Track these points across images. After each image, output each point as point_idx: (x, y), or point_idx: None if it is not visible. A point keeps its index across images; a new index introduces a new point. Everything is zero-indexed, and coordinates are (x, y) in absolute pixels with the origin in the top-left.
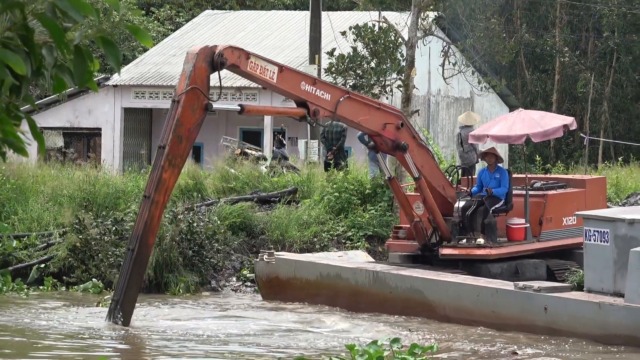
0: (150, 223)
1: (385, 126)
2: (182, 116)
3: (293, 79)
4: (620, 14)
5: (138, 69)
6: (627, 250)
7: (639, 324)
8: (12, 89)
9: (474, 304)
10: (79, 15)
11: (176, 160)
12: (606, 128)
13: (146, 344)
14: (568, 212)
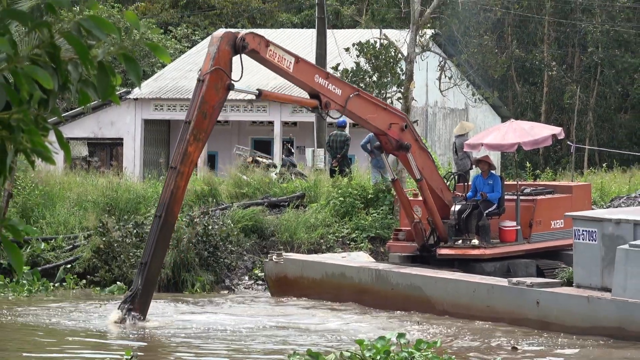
0: (176, 193)
1: (390, 126)
2: (206, 94)
3: (308, 70)
4: (603, 31)
5: (157, 83)
6: (613, 248)
7: (625, 317)
8: (40, 102)
9: (470, 299)
10: (102, 33)
11: (200, 135)
12: (591, 137)
13: (167, 340)
14: (556, 216)
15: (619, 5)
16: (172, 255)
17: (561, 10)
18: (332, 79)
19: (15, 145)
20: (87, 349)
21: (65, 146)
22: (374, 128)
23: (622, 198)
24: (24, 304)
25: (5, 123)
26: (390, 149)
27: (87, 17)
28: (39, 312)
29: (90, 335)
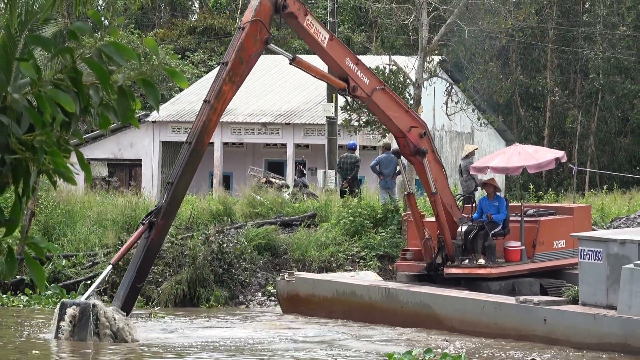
0: (207, 125)
1: (410, 129)
2: (245, 42)
3: (340, 51)
4: (604, 58)
5: (174, 107)
6: (618, 267)
7: (630, 333)
8: (62, 125)
9: (478, 317)
10: (122, 59)
11: (235, 78)
12: (592, 159)
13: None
14: (558, 236)
15: (620, 34)
16: (188, 272)
17: (564, 38)
18: (361, 66)
19: (38, 166)
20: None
21: (86, 167)
22: (394, 127)
23: (622, 219)
24: None
25: (29, 145)
26: (407, 152)
27: (108, 44)
28: None
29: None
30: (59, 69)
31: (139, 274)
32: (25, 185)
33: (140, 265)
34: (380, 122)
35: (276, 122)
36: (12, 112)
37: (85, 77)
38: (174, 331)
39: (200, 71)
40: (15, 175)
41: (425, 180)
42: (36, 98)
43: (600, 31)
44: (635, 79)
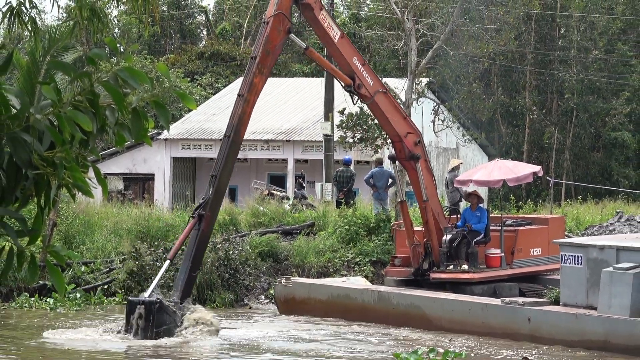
0: (242, 117)
1: (407, 135)
2: (270, 34)
3: (349, 49)
4: (578, 80)
5: (184, 126)
6: (598, 271)
7: (610, 331)
8: (81, 143)
9: (465, 317)
10: (136, 83)
11: (264, 69)
12: (568, 172)
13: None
14: (535, 244)
15: (592, 57)
16: (197, 277)
17: (541, 61)
18: (367, 68)
19: (58, 181)
20: None
21: (103, 182)
22: (392, 131)
23: (595, 227)
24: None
25: (50, 161)
26: (402, 157)
27: (123, 68)
28: None
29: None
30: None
31: (194, 263)
32: (46, 198)
33: (195, 255)
34: (380, 124)
35: (277, 140)
36: (35, 131)
37: (102, 99)
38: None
39: (207, 93)
40: (37, 188)
41: (418, 187)
42: (57, 118)
43: (575, 55)
44: (606, 99)
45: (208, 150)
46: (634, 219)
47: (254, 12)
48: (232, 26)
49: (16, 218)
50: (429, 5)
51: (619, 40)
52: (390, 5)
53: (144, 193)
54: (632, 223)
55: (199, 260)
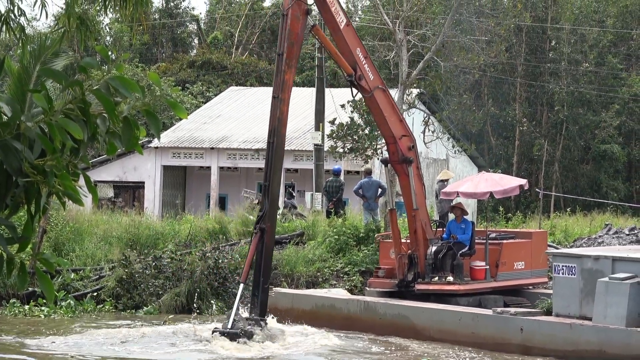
0: (281, 118)
1: (402, 137)
2: (291, 25)
3: (354, 38)
4: (568, 92)
5: (175, 134)
6: (592, 281)
7: (604, 341)
8: (71, 151)
9: (456, 327)
10: (127, 92)
11: (292, 62)
12: (557, 184)
13: None
14: (518, 258)
15: (582, 70)
16: (187, 285)
17: (531, 73)
18: (369, 61)
19: (48, 188)
20: None
21: (93, 190)
22: (388, 131)
23: (583, 239)
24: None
25: (40, 169)
26: (395, 160)
27: (115, 77)
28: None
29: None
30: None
31: (265, 276)
32: (36, 206)
33: (264, 269)
34: (376, 123)
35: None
36: (25, 139)
37: (93, 107)
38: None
39: (199, 101)
40: (27, 196)
41: (408, 193)
42: (48, 126)
43: (565, 67)
44: (596, 111)
45: (198, 158)
46: (622, 232)
47: (245, 21)
48: (224, 35)
49: (6, 225)
50: (420, 17)
51: (610, 53)
52: (382, 16)
53: (134, 201)
54: (620, 235)
55: (269, 273)
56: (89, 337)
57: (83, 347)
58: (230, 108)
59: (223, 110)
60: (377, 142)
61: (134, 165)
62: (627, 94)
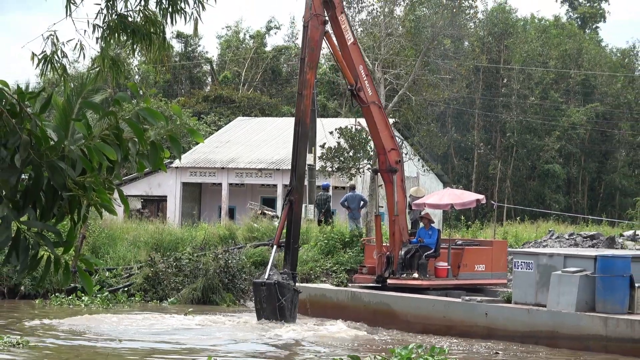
0: (305, 109)
1: (391, 150)
2: (311, 34)
3: (358, 56)
4: (518, 121)
5: (192, 156)
6: (546, 275)
7: (557, 323)
8: (107, 170)
9: (429, 312)
10: (154, 120)
11: (312, 64)
12: (509, 197)
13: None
14: (479, 261)
15: (529, 103)
16: (202, 281)
17: (487, 105)
18: (369, 79)
19: (88, 201)
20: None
21: (125, 202)
22: (379, 143)
23: (531, 243)
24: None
25: (81, 184)
26: (383, 168)
27: (143, 108)
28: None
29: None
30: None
31: (294, 238)
32: (78, 215)
33: (294, 232)
34: (370, 134)
35: (269, 168)
36: (69, 160)
37: (125, 133)
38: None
39: (212, 129)
40: (70, 207)
41: (391, 200)
42: (87, 149)
43: (515, 100)
44: (541, 137)
45: (211, 176)
46: (563, 237)
47: (250, 63)
48: (233, 74)
49: (53, 231)
50: (395, 59)
51: (552, 89)
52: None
53: (158, 212)
54: (561, 240)
55: (298, 236)
56: (136, 325)
57: (131, 334)
58: (237, 135)
59: (232, 136)
60: (359, 163)
61: (158, 182)
62: (567, 122)
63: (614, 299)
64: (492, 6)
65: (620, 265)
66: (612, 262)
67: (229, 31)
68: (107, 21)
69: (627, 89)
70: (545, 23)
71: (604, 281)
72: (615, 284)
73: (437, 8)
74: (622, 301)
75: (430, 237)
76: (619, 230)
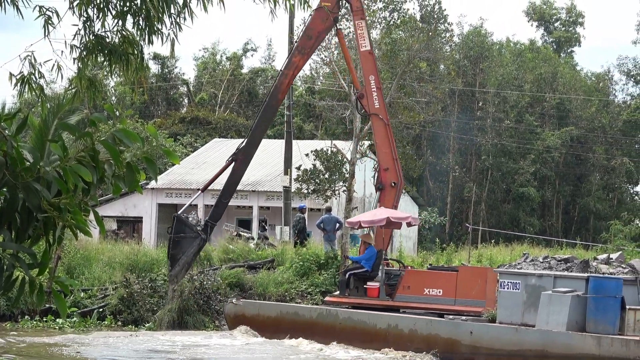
0: (279, 86)
1: (386, 169)
2: (312, 22)
3: (371, 67)
4: (493, 144)
5: (168, 177)
6: (534, 294)
7: (547, 342)
8: (83, 191)
9: (411, 331)
10: (130, 142)
11: (305, 50)
12: (483, 220)
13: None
14: (432, 285)
15: (504, 126)
16: (177, 303)
17: (462, 128)
18: (379, 92)
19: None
20: None
21: (100, 223)
22: (379, 158)
23: (505, 265)
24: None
25: (56, 206)
26: (378, 183)
27: (119, 129)
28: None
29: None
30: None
31: (224, 192)
32: (53, 237)
33: (226, 186)
34: (376, 147)
35: (245, 190)
36: (44, 181)
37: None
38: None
39: (188, 150)
40: (45, 228)
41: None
42: (63, 170)
43: (490, 124)
44: (516, 160)
45: (187, 197)
46: (537, 259)
47: (226, 84)
48: (209, 96)
49: (28, 253)
50: None
51: (527, 112)
52: (339, 81)
53: (133, 233)
54: (535, 262)
55: (230, 192)
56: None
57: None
58: (214, 156)
59: (208, 157)
60: (335, 185)
61: (134, 203)
62: (541, 146)
63: (606, 320)
64: (467, 30)
65: (613, 287)
66: (604, 283)
67: (206, 53)
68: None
69: (601, 112)
70: (521, 47)
71: (596, 302)
72: (608, 304)
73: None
74: (614, 322)
75: (369, 258)
76: (593, 254)
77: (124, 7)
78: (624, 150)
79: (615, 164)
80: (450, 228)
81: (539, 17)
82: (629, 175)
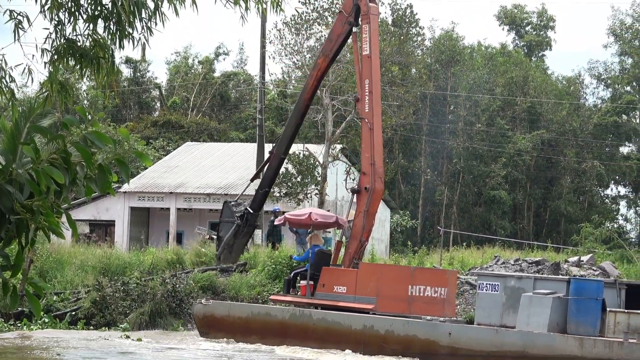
0: (306, 87)
1: (364, 174)
2: (334, 26)
3: (366, 70)
4: (464, 147)
5: (140, 181)
6: (514, 296)
7: (527, 343)
8: (55, 193)
9: (387, 332)
10: (102, 144)
11: (327, 52)
12: (455, 223)
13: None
14: (339, 283)
15: (476, 129)
16: (150, 306)
17: (434, 132)
18: (371, 97)
19: (35, 224)
20: None
21: (73, 225)
22: (362, 162)
23: (477, 268)
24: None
25: (29, 208)
26: (358, 186)
27: (91, 132)
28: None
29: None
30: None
31: (262, 184)
32: (26, 239)
33: (264, 178)
34: (361, 150)
35: (217, 193)
36: (16, 183)
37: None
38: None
39: (160, 154)
40: (18, 231)
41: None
42: (35, 173)
43: (462, 127)
44: (487, 163)
45: (160, 201)
46: (508, 262)
47: (199, 88)
48: (181, 100)
49: (1, 255)
50: (343, 85)
51: (498, 116)
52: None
53: (106, 236)
54: (507, 265)
55: (268, 183)
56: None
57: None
58: (186, 160)
59: (180, 161)
60: (307, 188)
61: (106, 207)
62: (512, 149)
63: (587, 322)
64: (439, 34)
65: (594, 289)
66: (586, 286)
67: (178, 57)
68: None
69: (572, 116)
70: (492, 51)
71: (577, 304)
72: (589, 306)
73: (385, 35)
74: (594, 324)
75: (307, 258)
76: (564, 256)
77: (95, 11)
78: (595, 153)
79: (585, 167)
80: (422, 231)
81: (510, 21)
82: (600, 178)
